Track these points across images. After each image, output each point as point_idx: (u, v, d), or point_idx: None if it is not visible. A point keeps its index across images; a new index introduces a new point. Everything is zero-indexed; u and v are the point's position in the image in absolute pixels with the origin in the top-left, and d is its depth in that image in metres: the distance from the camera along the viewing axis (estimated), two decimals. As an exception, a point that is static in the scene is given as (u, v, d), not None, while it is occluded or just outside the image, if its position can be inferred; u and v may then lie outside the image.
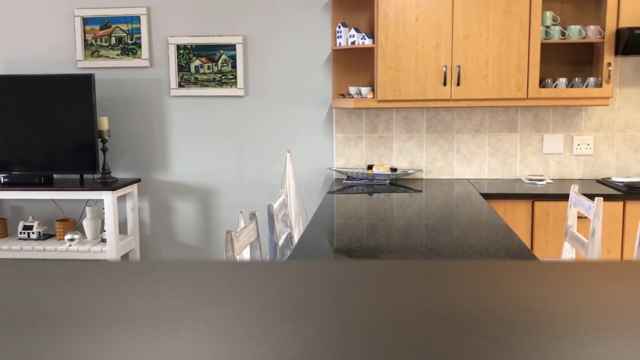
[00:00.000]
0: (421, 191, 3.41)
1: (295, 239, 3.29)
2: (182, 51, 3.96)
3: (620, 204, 3.27)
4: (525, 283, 0.57)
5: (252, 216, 2.24)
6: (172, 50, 3.96)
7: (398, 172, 3.72)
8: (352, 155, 3.93)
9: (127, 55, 4.01)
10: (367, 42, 3.60)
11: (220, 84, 3.97)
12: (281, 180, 4.00)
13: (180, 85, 3.99)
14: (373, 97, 3.62)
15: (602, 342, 0.41)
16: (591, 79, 3.47)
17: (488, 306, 0.51)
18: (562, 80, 3.50)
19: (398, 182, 3.73)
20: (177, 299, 0.55)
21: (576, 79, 3.54)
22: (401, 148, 3.89)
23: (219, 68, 3.95)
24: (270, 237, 2.45)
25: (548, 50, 3.69)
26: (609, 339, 0.42)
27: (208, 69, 3.96)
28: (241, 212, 3.22)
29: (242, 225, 2.87)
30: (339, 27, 3.71)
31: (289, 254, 2.37)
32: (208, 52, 3.95)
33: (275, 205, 2.57)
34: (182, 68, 3.98)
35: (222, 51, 3.94)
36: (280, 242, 2.60)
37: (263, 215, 3.97)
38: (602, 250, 3.30)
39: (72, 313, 0.52)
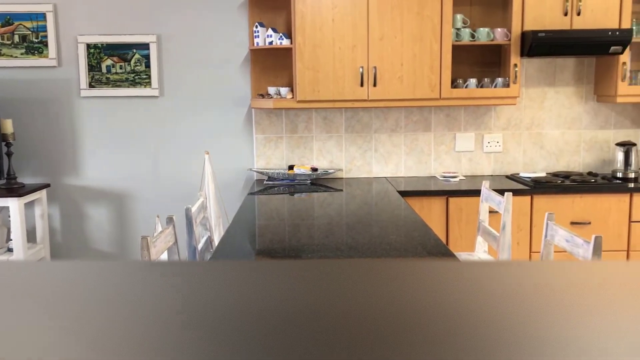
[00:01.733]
0: (341, 190, 3.45)
1: (216, 242, 3.24)
2: (92, 50, 3.80)
3: (528, 198, 3.45)
4: (440, 283, 0.58)
5: (170, 220, 2.18)
6: (81, 50, 3.79)
7: (319, 172, 3.74)
8: (273, 155, 3.92)
9: (33, 54, 3.79)
10: (285, 42, 3.60)
11: (134, 84, 3.84)
12: (200, 183, 3.93)
13: (91, 86, 3.83)
14: (292, 98, 3.62)
15: (517, 341, 0.43)
16: (499, 80, 3.63)
17: (406, 305, 0.51)
18: (473, 81, 3.64)
19: (319, 182, 3.76)
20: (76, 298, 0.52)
21: (485, 79, 3.70)
22: (321, 148, 3.92)
23: (132, 68, 3.82)
24: (189, 241, 2.39)
25: (459, 52, 3.83)
26: (525, 338, 0.43)
27: (120, 68, 3.82)
28: (158, 217, 3.12)
29: (159, 230, 2.78)
30: (256, 27, 3.68)
31: (209, 258, 2.33)
32: (120, 51, 3.81)
33: (194, 209, 2.52)
34: (92, 68, 3.81)
35: (135, 50, 3.81)
36: (200, 246, 2.54)
37: (181, 219, 3.88)
38: (512, 243, 3.47)
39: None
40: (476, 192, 3.41)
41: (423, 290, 0.54)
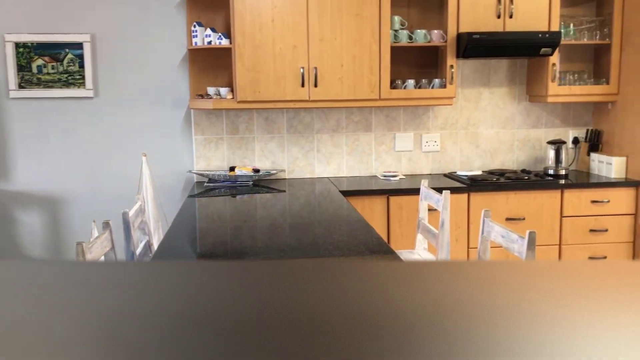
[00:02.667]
0: (284, 191, 3.44)
1: (155, 247, 3.16)
2: (21, 49, 3.64)
3: (465, 196, 3.54)
4: (383, 282, 0.58)
5: (106, 225, 2.11)
6: (9, 49, 3.62)
7: (261, 173, 3.72)
8: (213, 157, 3.87)
9: (-45, 52, 3.60)
10: (224, 42, 3.56)
11: (67, 84, 3.70)
12: (137, 186, 3.83)
13: (20, 87, 3.66)
14: (232, 98, 3.58)
15: (458, 340, 0.43)
16: (436, 81, 3.72)
17: (348, 305, 0.51)
18: (411, 82, 3.71)
19: (261, 183, 3.73)
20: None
21: (423, 80, 3.77)
22: (263, 149, 3.89)
23: (65, 68, 3.69)
24: (127, 246, 2.33)
25: (397, 53, 3.90)
26: (464, 337, 0.44)
27: (52, 68, 3.67)
28: (94, 222, 3.02)
29: (95, 235, 2.69)
30: (194, 27, 3.62)
31: (148, 262, 2.26)
32: (52, 50, 3.67)
33: (131, 213, 2.45)
34: (22, 68, 3.65)
35: (67, 50, 3.68)
36: (138, 250, 2.48)
37: (118, 224, 3.77)
38: (451, 240, 3.56)
39: None
40: (416, 191, 3.48)
41: (363, 289, 0.54)
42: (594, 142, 4.01)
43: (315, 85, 3.55)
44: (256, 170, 3.76)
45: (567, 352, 0.40)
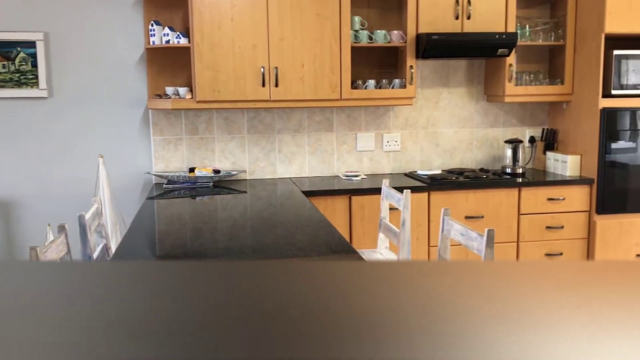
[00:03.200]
0: (245, 192, 3.41)
1: (113, 250, 3.09)
2: (-31, 47, 3.51)
3: (425, 195, 3.58)
4: (344, 282, 0.57)
5: (61, 229, 2.05)
6: (-44, 46, 3.49)
7: (221, 174, 3.68)
8: (172, 158, 3.81)
9: None
10: (183, 41, 3.50)
11: (19, 84, 3.58)
12: (94, 188, 3.73)
13: (-31, 86, 3.53)
14: (191, 98, 3.53)
15: (425, 340, 0.43)
16: (396, 81, 3.74)
17: (306, 305, 0.50)
18: (372, 82, 3.73)
19: (222, 184, 3.69)
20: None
21: (384, 80, 3.80)
22: (223, 149, 3.85)
23: (17, 67, 3.57)
24: (83, 250, 2.26)
25: (358, 54, 3.91)
26: (431, 337, 0.43)
27: (3, 67, 3.55)
28: (49, 225, 2.94)
29: (51, 239, 2.62)
30: (152, 25, 3.55)
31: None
32: (3, 49, 3.54)
33: (88, 216, 2.38)
34: (-30, 66, 3.52)
35: (19, 48, 3.56)
36: (95, 254, 2.42)
37: (74, 227, 3.67)
38: (412, 238, 3.59)
39: None
40: (377, 190, 3.50)
41: (323, 289, 0.53)
42: (550, 141, 4.11)
43: (276, 85, 3.53)
44: (216, 171, 3.72)
45: (528, 351, 0.40)
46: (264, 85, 3.52)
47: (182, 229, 2.48)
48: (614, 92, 3.67)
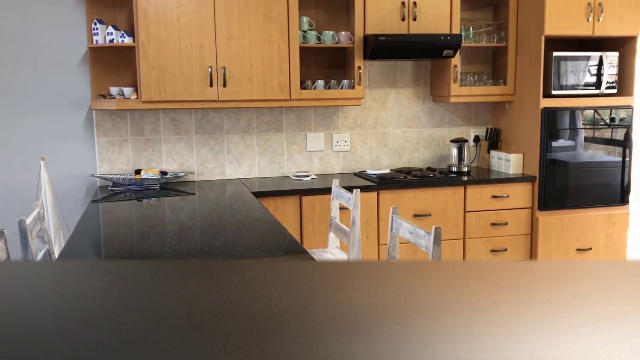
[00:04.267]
0: (194, 194, 3.36)
1: (56, 255, 2.99)
2: None
3: (374, 194, 3.61)
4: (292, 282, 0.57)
5: (0, 234, 1.97)
6: None
7: (168, 176, 3.61)
8: (118, 159, 3.71)
9: None
10: (127, 40, 3.42)
11: (-48, 84, 3.42)
12: (36, 192, 3.60)
13: None
14: (137, 98, 3.45)
15: (372, 341, 0.43)
16: (345, 81, 3.77)
17: (253, 305, 0.50)
18: (321, 82, 3.74)
19: (169, 186, 3.63)
20: None
21: (332, 81, 3.81)
22: (170, 150, 3.79)
23: (-50, 65, 3.41)
24: (24, 256, 2.18)
25: (307, 54, 3.91)
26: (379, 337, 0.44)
27: None
28: (-13, 231, 2.81)
29: (-11, 245, 2.50)
30: (95, 24, 3.46)
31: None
32: None
33: (29, 220, 2.30)
34: None
35: (-48, 46, 3.40)
36: (37, 260, 2.33)
37: (14, 233, 3.53)
38: (362, 237, 3.62)
39: None
40: (327, 190, 3.51)
41: (270, 289, 0.53)
42: (494, 140, 4.22)
43: (224, 85, 3.49)
44: (163, 173, 3.65)
45: (474, 352, 0.41)
46: (211, 85, 3.47)
47: (129, 232, 2.42)
48: (554, 92, 3.80)
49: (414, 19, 3.73)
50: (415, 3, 3.72)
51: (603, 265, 0.58)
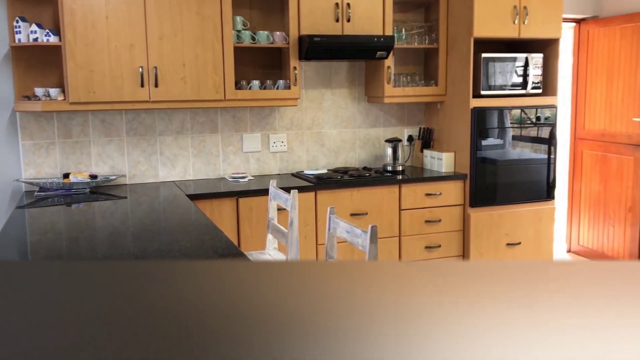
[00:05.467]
0: (126, 197, 3.26)
1: (-22, 265, 2.84)
2: None
3: (312, 194, 3.62)
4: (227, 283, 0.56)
5: None
6: None
7: (99, 179, 3.49)
8: (44, 163, 3.56)
9: None
10: (53, 39, 3.28)
11: None
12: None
13: None
14: (64, 99, 3.32)
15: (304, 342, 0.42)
16: (281, 82, 3.76)
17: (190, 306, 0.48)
18: (256, 83, 3.71)
19: (100, 190, 3.51)
20: None
21: (268, 81, 3.80)
22: (100, 153, 3.66)
23: None
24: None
25: (241, 54, 3.88)
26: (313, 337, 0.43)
27: None
28: None
29: None
30: (17, 22, 3.30)
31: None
32: None
33: (-54, 229, 2.16)
34: None
35: None
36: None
37: None
38: (300, 238, 3.62)
39: None
40: (265, 191, 3.49)
41: (203, 289, 0.52)
42: (426, 140, 4.32)
43: (156, 86, 3.41)
44: (93, 177, 3.52)
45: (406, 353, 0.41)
46: (143, 85, 3.38)
47: (57, 239, 2.33)
48: (483, 92, 3.93)
49: (348, 20, 3.76)
50: (348, 4, 3.75)
51: (529, 265, 0.60)
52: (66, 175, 3.50)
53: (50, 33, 3.27)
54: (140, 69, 3.37)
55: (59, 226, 2.56)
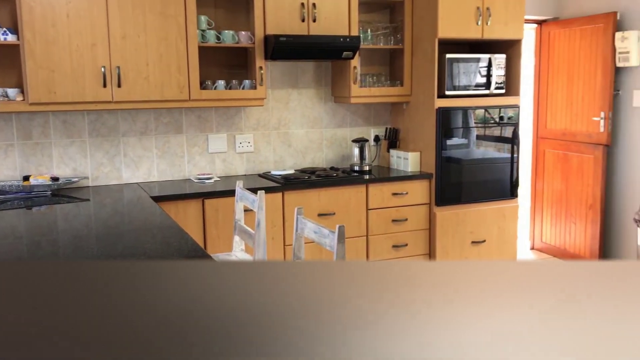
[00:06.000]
0: (88, 200, 3.19)
1: None
2: None
3: (279, 195, 3.61)
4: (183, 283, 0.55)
5: None
6: None
7: (60, 181, 3.41)
8: (3, 165, 3.46)
9: None
10: (11, 38, 3.19)
11: None
12: None
13: None
14: (23, 100, 3.23)
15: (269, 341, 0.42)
16: (247, 82, 3.73)
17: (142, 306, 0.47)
18: (221, 83, 3.68)
19: (61, 192, 3.42)
20: None
21: (234, 81, 3.76)
22: (62, 154, 3.58)
23: None
24: None
25: (206, 54, 3.84)
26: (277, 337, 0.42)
27: None
28: None
29: None
30: (-27, 19, 3.20)
31: None
32: None
33: None
34: None
35: None
36: None
37: None
38: (267, 239, 3.60)
39: None
40: (231, 192, 3.46)
41: (165, 290, 0.50)
42: (393, 140, 4.35)
43: (119, 86, 3.35)
44: (55, 179, 3.44)
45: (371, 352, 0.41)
46: (105, 85, 3.32)
47: (17, 243, 2.26)
48: (447, 92, 3.97)
49: (314, 20, 3.76)
50: (314, 4, 3.75)
51: (495, 265, 0.60)
52: (26, 178, 3.41)
53: (7, 32, 3.18)
54: (103, 69, 3.30)
55: (19, 230, 2.49)
